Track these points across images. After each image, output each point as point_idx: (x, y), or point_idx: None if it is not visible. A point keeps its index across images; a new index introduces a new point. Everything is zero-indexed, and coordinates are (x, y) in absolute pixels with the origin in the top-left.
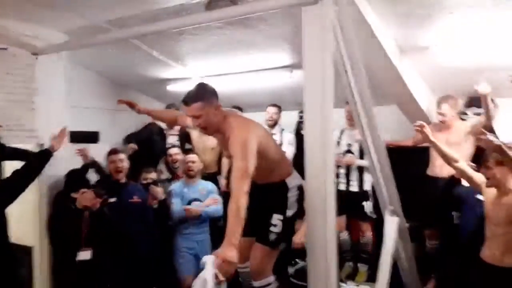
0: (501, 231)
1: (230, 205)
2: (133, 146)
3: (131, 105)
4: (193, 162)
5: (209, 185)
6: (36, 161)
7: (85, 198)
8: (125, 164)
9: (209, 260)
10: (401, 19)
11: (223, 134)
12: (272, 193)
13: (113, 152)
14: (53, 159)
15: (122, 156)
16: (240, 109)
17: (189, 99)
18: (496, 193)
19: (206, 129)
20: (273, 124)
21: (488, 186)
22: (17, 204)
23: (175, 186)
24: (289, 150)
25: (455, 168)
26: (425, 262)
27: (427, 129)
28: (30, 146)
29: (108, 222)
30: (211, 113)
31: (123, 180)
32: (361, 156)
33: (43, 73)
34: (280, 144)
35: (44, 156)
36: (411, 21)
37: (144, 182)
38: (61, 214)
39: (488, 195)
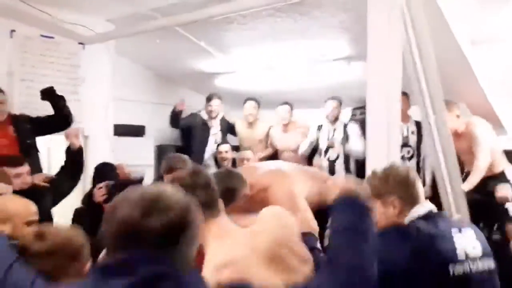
0: None
1: None
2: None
3: None
4: (248, 159)
5: None
6: (69, 160)
7: (97, 193)
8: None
9: None
10: (474, 6)
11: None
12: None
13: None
14: (98, 154)
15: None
16: (290, 105)
17: None
18: None
19: None
20: (334, 119)
21: None
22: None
23: None
24: (360, 144)
25: None
26: None
27: None
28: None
29: None
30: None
31: None
32: None
33: (89, 63)
34: (346, 138)
35: (71, 154)
36: (486, 8)
37: None
38: (84, 210)
39: None
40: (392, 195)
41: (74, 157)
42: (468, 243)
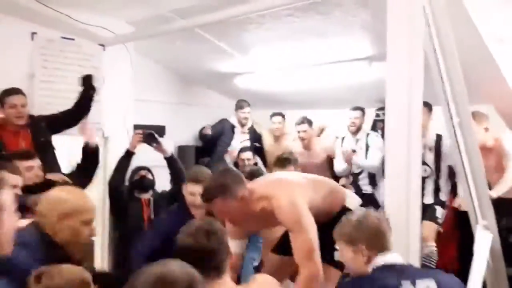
0: None
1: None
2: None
3: None
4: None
5: None
6: (84, 160)
7: (135, 138)
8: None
9: None
10: (501, 1)
11: (262, 212)
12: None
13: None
14: (118, 155)
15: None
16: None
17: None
18: None
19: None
20: (356, 130)
21: None
22: None
23: None
24: (376, 156)
25: None
26: None
27: None
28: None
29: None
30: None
31: None
32: None
33: (109, 65)
34: (367, 149)
35: (86, 153)
36: None
37: None
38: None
39: None
40: (362, 243)
41: (90, 156)
42: None
